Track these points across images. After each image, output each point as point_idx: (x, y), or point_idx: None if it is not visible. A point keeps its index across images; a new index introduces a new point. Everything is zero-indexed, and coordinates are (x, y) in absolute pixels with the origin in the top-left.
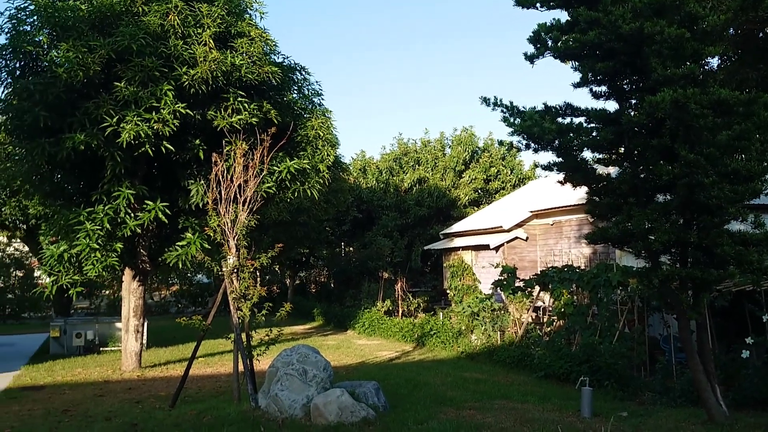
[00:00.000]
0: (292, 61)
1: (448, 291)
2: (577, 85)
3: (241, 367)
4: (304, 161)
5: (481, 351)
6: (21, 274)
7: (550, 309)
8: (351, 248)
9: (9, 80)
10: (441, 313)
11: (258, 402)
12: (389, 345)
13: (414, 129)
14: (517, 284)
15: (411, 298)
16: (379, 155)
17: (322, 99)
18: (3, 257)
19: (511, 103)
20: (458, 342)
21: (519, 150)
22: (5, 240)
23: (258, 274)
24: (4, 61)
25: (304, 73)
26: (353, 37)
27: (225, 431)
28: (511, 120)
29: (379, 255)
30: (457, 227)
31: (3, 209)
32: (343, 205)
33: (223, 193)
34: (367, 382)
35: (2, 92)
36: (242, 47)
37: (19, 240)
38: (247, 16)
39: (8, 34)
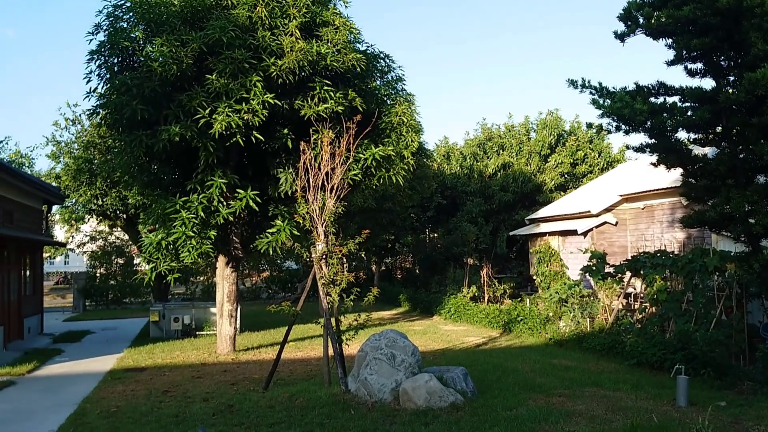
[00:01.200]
0: (376, 49)
1: (534, 277)
2: (670, 63)
3: (330, 352)
4: (389, 148)
5: (570, 338)
6: (122, 262)
7: (642, 295)
8: (435, 234)
9: (108, 76)
10: (528, 300)
11: (348, 386)
12: (475, 331)
13: (498, 114)
14: (606, 270)
15: (497, 284)
16: (463, 141)
17: (405, 85)
18: (105, 245)
19: (600, 84)
20: (546, 328)
21: (609, 132)
22: (107, 229)
23: (345, 260)
24: (103, 58)
25: (387, 60)
26: (436, 23)
27: (317, 413)
28: (601, 102)
29: (463, 241)
30: (543, 212)
31: (105, 200)
32: (427, 192)
33: (311, 180)
34: (454, 368)
35: (102, 88)
36: (327, 36)
37: (119, 229)
38: (332, 5)
39: (106, 32)
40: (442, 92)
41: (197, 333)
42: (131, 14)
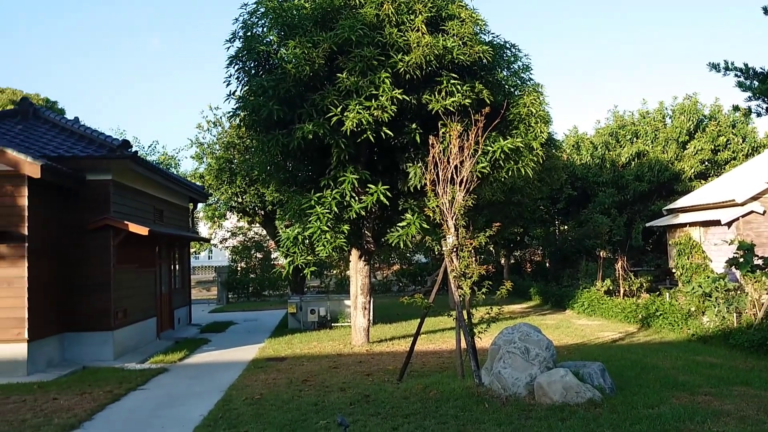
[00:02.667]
0: (502, 39)
1: (673, 270)
2: None
3: (463, 344)
4: (518, 140)
5: (715, 334)
6: (261, 256)
7: None
8: (566, 227)
9: (246, 79)
10: (667, 294)
11: (481, 379)
12: (611, 325)
13: (630, 101)
14: (755, 262)
15: (632, 278)
16: (594, 130)
17: (532, 74)
18: (245, 241)
19: (746, 65)
20: (687, 324)
21: (758, 115)
22: (246, 225)
23: (474, 253)
24: (241, 63)
25: (513, 49)
26: (561, 8)
27: (451, 406)
28: (748, 83)
29: (596, 233)
30: (682, 202)
31: (244, 197)
32: (557, 183)
33: (440, 174)
34: (591, 363)
35: (240, 90)
36: (453, 29)
37: (258, 224)
38: None
39: (243, 38)
40: (571, 80)
41: (332, 324)
42: (266, 20)
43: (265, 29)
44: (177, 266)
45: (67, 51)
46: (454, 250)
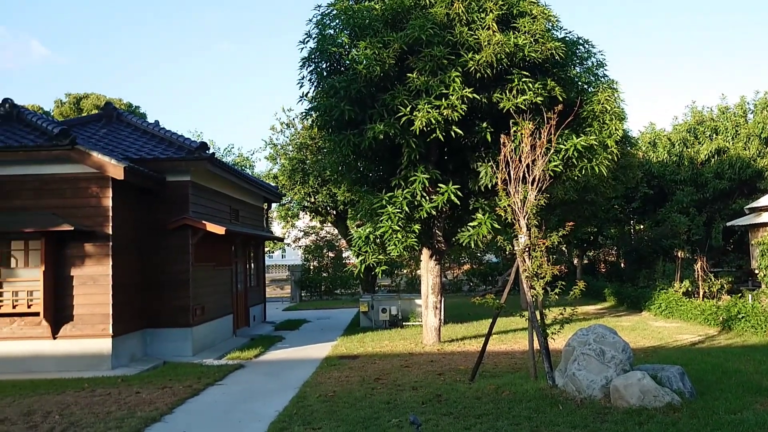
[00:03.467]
0: (574, 35)
1: (756, 271)
2: None
3: (536, 345)
4: (591, 137)
5: None
6: (332, 255)
7: None
8: (642, 226)
9: (318, 80)
10: (749, 295)
11: (555, 380)
12: (689, 328)
13: (708, 96)
14: None
15: (712, 279)
16: (671, 126)
17: (606, 71)
18: (317, 240)
19: None
20: None
21: None
22: (318, 224)
23: (546, 253)
24: (313, 64)
25: (586, 45)
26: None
27: (524, 407)
28: None
29: (673, 233)
30: (765, 200)
31: (316, 197)
32: (632, 182)
33: (511, 173)
34: (669, 366)
35: (313, 92)
36: (524, 27)
37: (330, 224)
38: None
39: (315, 39)
40: (647, 75)
41: (403, 324)
42: (337, 21)
43: (336, 31)
44: (252, 265)
45: (147, 57)
46: (527, 249)
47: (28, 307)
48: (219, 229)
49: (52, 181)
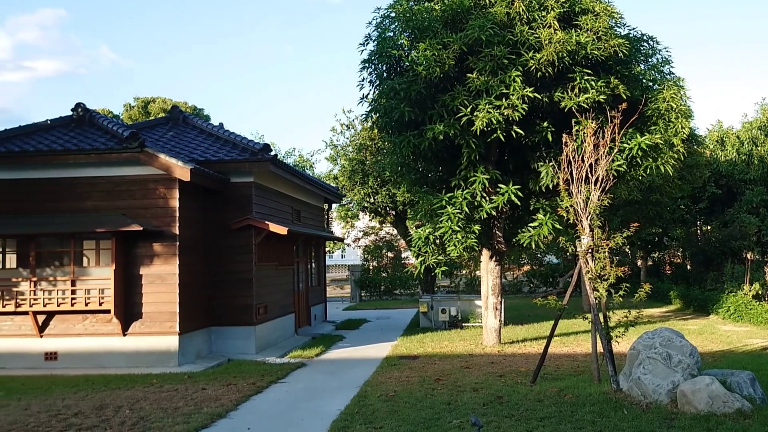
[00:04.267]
0: (639, 32)
1: None
2: None
3: (599, 348)
4: (656, 136)
5: None
6: (391, 255)
7: None
8: (709, 227)
9: (378, 82)
10: None
11: (619, 384)
12: (760, 332)
13: None
14: None
15: None
16: (740, 124)
17: (672, 68)
18: (377, 240)
19: None
20: None
21: None
22: (378, 225)
23: (609, 255)
24: (373, 66)
25: (651, 42)
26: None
27: (587, 411)
28: None
29: (742, 234)
30: None
31: (376, 197)
32: (699, 181)
33: (574, 173)
34: (740, 372)
35: (373, 93)
36: (586, 24)
37: (389, 224)
38: None
39: (375, 41)
40: (715, 72)
41: (463, 324)
42: (397, 23)
43: (396, 33)
44: (313, 264)
45: (212, 60)
46: (590, 251)
47: (100, 304)
48: (281, 230)
49: (122, 183)
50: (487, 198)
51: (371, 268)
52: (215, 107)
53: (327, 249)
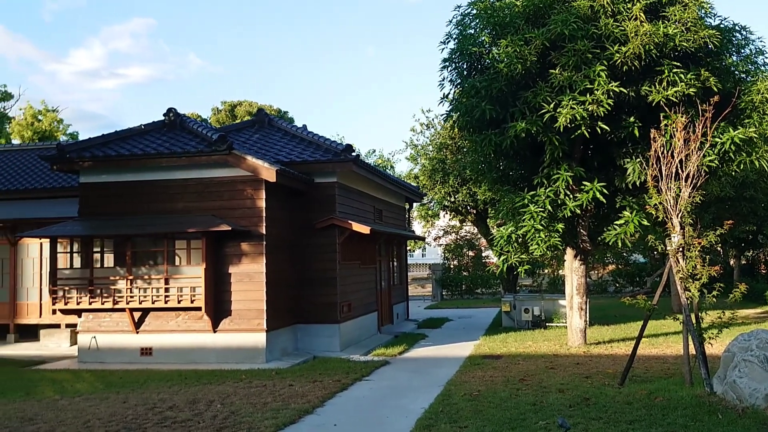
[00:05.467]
0: (731, 22)
1: None
2: None
3: (691, 350)
4: (750, 130)
5: None
6: (472, 254)
7: None
8: None
9: (458, 81)
10: None
11: (712, 387)
12: None
13: None
14: None
15: None
16: None
17: (767, 59)
18: (457, 239)
19: None
20: None
21: None
22: (458, 224)
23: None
24: (453, 64)
25: (744, 32)
26: None
27: (679, 414)
28: None
29: None
30: None
31: (456, 196)
32: None
33: (662, 169)
34: None
35: (453, 92)
36: (675, 15)
37: (470, 223)
38: None
39: (456, 40)
40: None
41: (547, 324)
42: (477, 21)
43: (477, 30)
44: (395, 263)
45: (294, 63)
46: (680, 249)
47: (191, 302)
48: (364, 229)
49: (211, 184)
50: (571, 196)
51: (452, 267)
52: (298, 109)
53: (408, 248)
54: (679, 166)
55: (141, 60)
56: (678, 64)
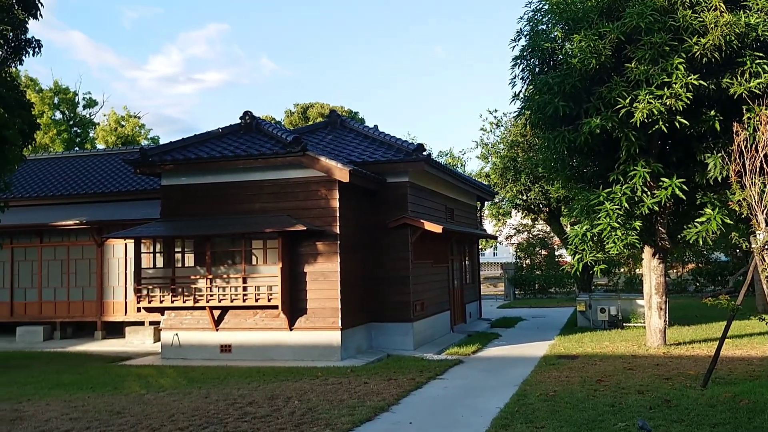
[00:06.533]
0: None
1: None
2: None
3: None
4: None
5: None
6: (545, 253)
7: None
8: None
9: (530, 78)
10: None
11: None
12: None
13: None
14: None
15: None
16: None
17: None
18: (530, 238)
19: None
20: None
21: None
22: (530, 222)
23: None
24: (525, 62)
25: None
26: None
27: (766, 418)
28: None
29: None
30: None
31: (528, 194)
32: None
33: (746, 164)
34: None
35: (525, 90)
36: (756, 4)
37: (542, 221)
38: None
39: (527, 36)
40: None
41: (624, 324)
42: (550, 16)
43: (549, 26)
44: (467, 262)
45: (364, 64)
46: (765, 247)
47: (268, 300)
48: (436, 228)
49: (287, 185)
50: (649, 193)
51: (525, 266)
52: (369, 110)
53: (479, 247)
54: (763, 160)
55: (216, 65)
56: (761, 54)
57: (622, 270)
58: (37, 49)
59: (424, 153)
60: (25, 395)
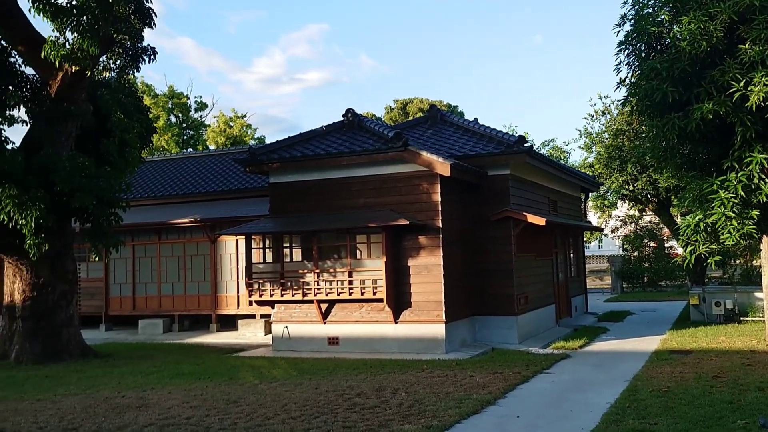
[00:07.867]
0: None
1: None
2: None
3: None
4: None
5: None
6: (654, 245)
7: None
8: None
9: (636, 63)
10: None
11: None
12: None
13: None
14: None
15: None
16: None
17: None
18: (637, 229)
19: None
20: None
21: None
22: (637, 213)
23: None
24: (630, 47)
25: None
26: None
27: None
28: None
29: None
30: None
31: (635, 184)
32: None
33: None
34: None
35: (630, 76)
36: None
37: (650, 212)
38: None
39: (632, 20)
40: None
41: (741, 319)
42: None
43: (656, 8)
44: (571, 255)
45: (462, 57)
46: None
47: (374, 294)
48: (539, 220)
49: (389, 180)
50: (767, 180)
51: (632, 258)
52: (468, 103)
53: (584, 239)
54: None
55: (317, 64)
56: None
57: (738, 261)
58: (152, 56)
59: (525, 144)
60: (149, 384)
